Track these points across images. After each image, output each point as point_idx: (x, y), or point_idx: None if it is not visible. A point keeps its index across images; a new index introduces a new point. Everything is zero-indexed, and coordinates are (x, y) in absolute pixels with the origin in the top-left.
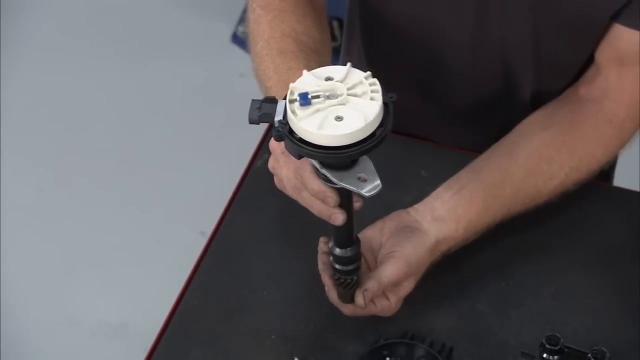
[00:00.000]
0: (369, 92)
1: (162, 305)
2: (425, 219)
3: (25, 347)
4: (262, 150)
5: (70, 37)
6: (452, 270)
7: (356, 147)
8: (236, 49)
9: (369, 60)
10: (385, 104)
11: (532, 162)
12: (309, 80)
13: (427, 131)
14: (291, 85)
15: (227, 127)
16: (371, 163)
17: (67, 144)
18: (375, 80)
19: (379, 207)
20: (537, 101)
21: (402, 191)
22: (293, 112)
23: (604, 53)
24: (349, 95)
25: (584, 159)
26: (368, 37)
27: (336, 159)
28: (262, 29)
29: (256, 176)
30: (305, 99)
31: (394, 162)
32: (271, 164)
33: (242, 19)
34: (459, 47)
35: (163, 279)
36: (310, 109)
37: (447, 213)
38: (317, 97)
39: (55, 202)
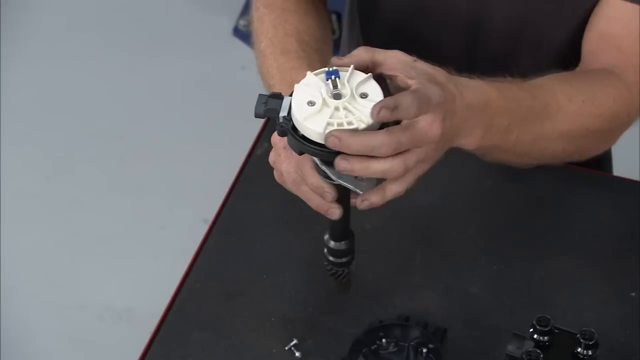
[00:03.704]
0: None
1: (167, 290)
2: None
3: (34, 330)
4: (262, 139)
5: (76, 30)
6: (445, 255)
7: None
8: (238, 42)
9: None
10: None
11: (551, 81)
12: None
13: None
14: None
15: (229, 118)
16: None
17: (74, 133)
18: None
19: None
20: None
21: None
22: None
23: (594, 38)
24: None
25: (598, 93)
26: (366, 28)
27: (335, 157)
28: (265, 27)
29: (256, 164)
30: (331, 74)
31: None
32: (272, 157)
33: (244, 13)
34: (453, 36)
35: (167, 265)
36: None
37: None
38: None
39: (62, 190)
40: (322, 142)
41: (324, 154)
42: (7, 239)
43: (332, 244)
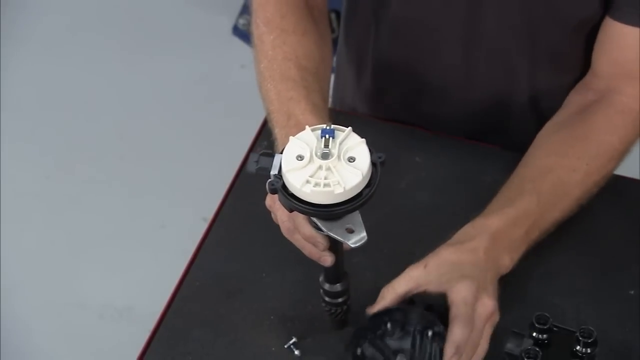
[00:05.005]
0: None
1: (167, 288)
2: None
3: (34, 329)
4: (261, 138)
5: (76, 29)
6: None
7: (344, 206)
8: (237, 41)
9: (364, 54)
10: (373, 163)
11: (549, 160)
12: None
13: (419, 120)
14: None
15: (228, 117)
16: (359, 216)
17: (73, 132)
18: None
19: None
20: (535, 94)
21: (397, 176)
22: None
23: (604, 62)
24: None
25: (602, 146)
26: (364, 32)
27: (324, 215)
28: (265, 48)
29: None
30: (326, 132)
31: (389, 148)
32: (268, 202)
33: (243, 12)
34: (452, 43)
35: (167, 263)
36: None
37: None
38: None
39: (62, 189)
40: (299, 196)
41: (313, 212)
42: (7, 237)
43: (327, 286)
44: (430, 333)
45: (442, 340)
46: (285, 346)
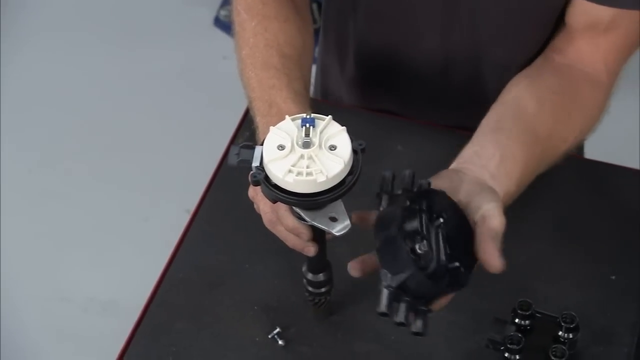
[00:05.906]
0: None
1: (150, 281)
2: (485, 177)
3: (18, 323)
4: (243, 129)
5: (56, 22)
6: None
7: (327, 195)
8: (219, 32)
9: (345, 43)
10: (354, 151)
11: (549, 124)
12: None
13: (401, 108)
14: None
15: (210, 108)
16: (342, 204)
17: (55, 126)
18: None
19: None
20: (504, 76)
21: (380, 165)
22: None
23: (576, 19)
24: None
25: (588, 122)
26: (343, 20)
27: (308, 205)
28: (246, 35)
29: None
30: (306, 121)
31: (371, 138)
32: (251, 193)
33: (224, 3)
34: (430, 28)
35: (151, 256)
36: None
37: (498, 170)
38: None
39: (45, 183)
40: (282, 186)
41: (297, 202)
42: None
43: (310, 276)
44: (440, 220)
45: (444, 229)
46: (269, 336)
